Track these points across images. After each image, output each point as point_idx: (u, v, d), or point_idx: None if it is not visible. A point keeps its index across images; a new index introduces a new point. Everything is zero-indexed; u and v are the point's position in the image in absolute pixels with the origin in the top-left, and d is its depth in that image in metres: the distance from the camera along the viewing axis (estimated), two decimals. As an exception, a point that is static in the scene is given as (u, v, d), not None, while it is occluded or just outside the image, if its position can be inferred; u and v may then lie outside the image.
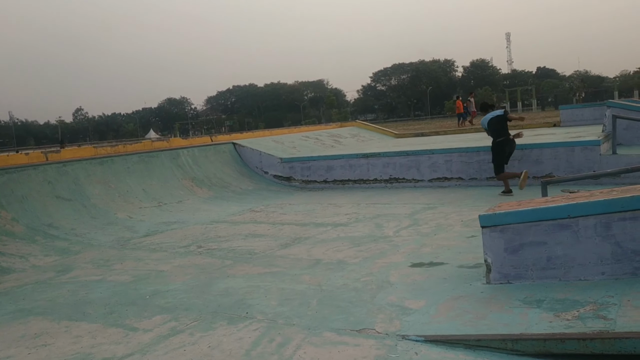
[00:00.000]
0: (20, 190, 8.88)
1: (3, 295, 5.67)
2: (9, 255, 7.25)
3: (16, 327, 4.61)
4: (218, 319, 4.31)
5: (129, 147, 13.15)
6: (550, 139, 11.18)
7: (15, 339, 4.30)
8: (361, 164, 11.94)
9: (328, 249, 6.37)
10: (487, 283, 4.47)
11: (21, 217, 8.39)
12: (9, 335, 4.42)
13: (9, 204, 8.53)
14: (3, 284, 6.14)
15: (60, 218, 8.77)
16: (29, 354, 3.95)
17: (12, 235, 7.88)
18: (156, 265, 6.36)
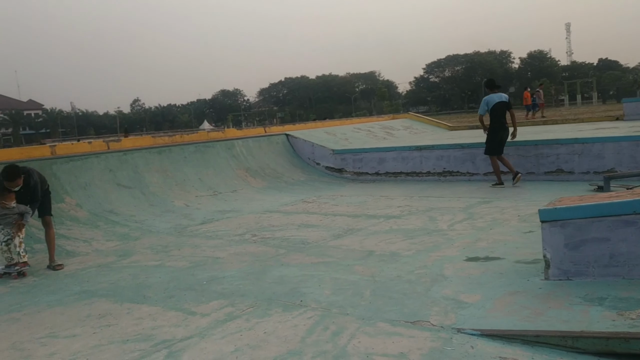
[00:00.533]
0: (84, 177, 9.26)
1: (69, 277, 5.95)
2: (73, 239, 7.59)
3: (81, 307, 4.83)
4: (273, 305, 4.39)
5: (186, 137, 13.48)
6: (613, 133, 10.77)
7: (81, 319, 4.51)
8: (414, 157, 11.83)
9: (381, 240, 6.36)
10: (545, 279, 4.37)
11: (85, 203, 8.76)
12: (75, 314, 4.64)
13: (73, 190, 8.91)
14: (68, 267, 6.44)
15: (120, 205, 9.11)
16: (94, 333, 4.14)
17: (77, 220, 8.24)
18: (212, 252, 6.52)
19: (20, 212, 6.19)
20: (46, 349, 3.90)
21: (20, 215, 6.19)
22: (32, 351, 3.89)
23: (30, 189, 6.27)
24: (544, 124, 18.24)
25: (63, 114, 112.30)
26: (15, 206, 6.15)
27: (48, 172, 8.84)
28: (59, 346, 3.93)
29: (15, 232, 6.11)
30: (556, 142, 10.13)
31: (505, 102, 9.79)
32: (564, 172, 9.91)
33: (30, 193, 6.30)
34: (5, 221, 6.10)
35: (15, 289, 5.65)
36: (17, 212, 6.16)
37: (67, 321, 4.47)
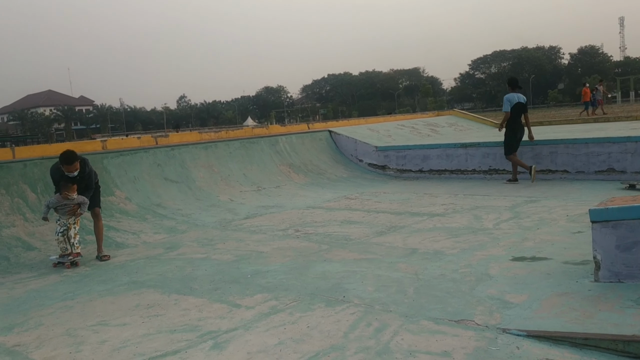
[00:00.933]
0: (133, 171, 9.53)
1: (119, 268, 6.14)
2: (122, 231, 7.83)
3: (131, 297, 4.99)
4: (316, 300, 4.42)
5: (231, 133, 13.68)
6: (669, 131, 10.34)
7: (131, 308, 4.65)
8: (459, 154, 11.67)
9: (424, 238, 6.31)
10: (595, 281, 4.25)
11: (133, 197, 9.01)
12: (124, 304, 4.79)
13: (123, 184, 9.19)
14: (118, 258, 6.65)
15: (168, 199, 9.33)
16: (143, 323, 4.27)
17: (126, 213, 8.49)
18: (256, 246, 6.61)
19: (79, 202, 6.39)
20: (98, 336, 4.04)
21: (78, 205, 6.40)
22: (85, 338, 4.04)
23: (85, 176, 6.51)
24: (595, 122, 17.68)
25: (112, 109, 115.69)
26: (76, 197, 6.36)
27: (99, 166, 9.14)
28: (110, 334, 4.07)
29: (71, 223, 6.34)
30: (608, 140, 9.81)
31: (523, 104, 10.21)
32: (615, 171, 9.59)
33: (85, 181, 6.53)
34: (63, 210, 6.32)
35: (69, 278, 5.87)
36: (76, 202, 6.36)
37: (118, 310, 4.62)
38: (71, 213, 6.35)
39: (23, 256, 6.78)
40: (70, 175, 6.34)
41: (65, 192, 6.28)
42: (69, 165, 6.27)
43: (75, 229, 6.39)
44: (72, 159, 6.28)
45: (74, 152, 6.36)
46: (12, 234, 7.21)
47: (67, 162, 6.26)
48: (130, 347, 3.78)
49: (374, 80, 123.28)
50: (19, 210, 7.64)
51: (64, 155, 6.29)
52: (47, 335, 4.16)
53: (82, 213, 6.47)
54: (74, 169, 6.32)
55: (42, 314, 4.68)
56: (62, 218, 6.34)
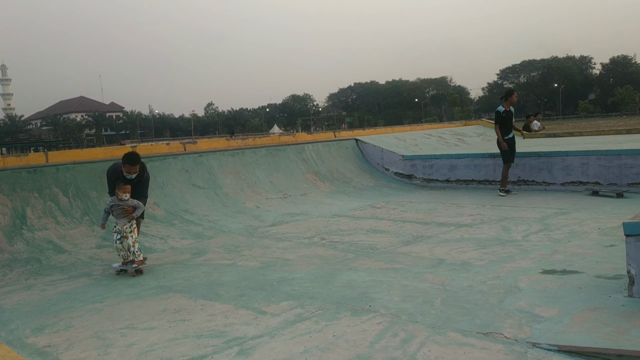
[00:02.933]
0: (162, 177, 9.65)
1: (146, 272, 6.21)
2: (150, 236, 7.91)
3: (158, 301, 5.03)
4: (342, 309, 4.40)
5: (258, 140, 13.77)
6: None
7: (158, 312, 4.70)
8: (487, 164, 11.53)
9: (451, 249, 6.24)
10: (629, 296, 4.14)
11: (161, 202, 9.12)
12: (152, 308, 4.84)
13: (151, 189, 9.21)
14: (146, 262, 6.71)
15: (195, 205, 9.42)
16: (170, 327, 4.30)
17: (154, 218, 8.60)
18: (282, 253, 6.62)
19: (133, 205, 6.23)
20: (126, 340, 4.09)
21: (132, 208, 6.22)
22: (113, 340, 4.09)
23: (142, 181, 6.46)
24: (627, 133, 17.31)
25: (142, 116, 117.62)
26: (129, 199, 6.19)
27: (129, 171, 9.28)
28: (138, 337, 4.11)
29: (127, 231, 6.13)
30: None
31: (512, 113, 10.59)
32: (649, 184, 9.35)
33: (140, 186, 6.45)
34: (117, 211, 6.16)
35: (98, 281, 5.96)
36: (130, 205, 6.19)
37: (145, 314, 4.67)
38: (125, 213, 6.15)
39: (54, 258, 6.90)
40: (129, 177, 6.22)
41: (118, 191, 6.13)
42: (131, 166, 6.16)
43: (133, 237, 6.15)
44: (137, 159, 6.20)
45: (138, 154, 6.28)
46: (44, 237, 7.36)
47: (131, 162, 6.15)
48: (157, 351, 3.81)
49: (400, 89, 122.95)
50: (51, 214, 7.79)
51: (130, 155, 6.19)
52: (77, 337, 4.22)
53: (135, 217, 6.24)
54: (135, 170, 6.23)
55: (72, 316, 4.75)
56: (118, 224, 6.17)
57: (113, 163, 6.56)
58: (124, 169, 6.21)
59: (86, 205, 8.21)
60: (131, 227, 6.21)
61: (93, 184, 8.60)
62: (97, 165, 9.04)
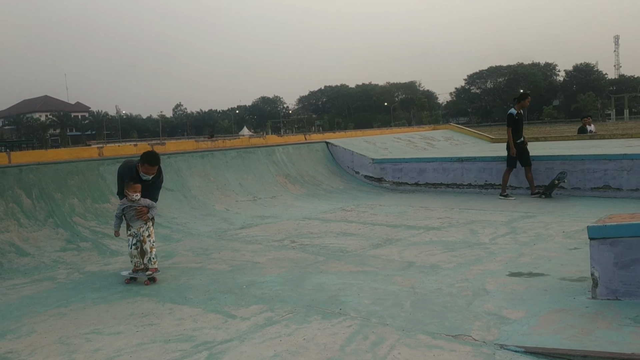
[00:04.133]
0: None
1: (113, 276, 6.09)
2: (118, 239, 7.72)
3: (125, 305, 4.94)
4: (312, 312, 4.39)
5: (228, 142, 13.67)
6: (664, 150, 10.39)
7: (125, 317, 4.60)
8: (455, 168, 11.69)
9: (421, 252, 6.30)
10: (592, 298, 4.24)
11: (129, 204, 8.94)
12: (118, 312, 4.74)
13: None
14: (112, 265, 6.60)
15: (163, 207, 9.25)
16: (137, 332, 4.22)
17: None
18: (252, 256, 6.57)
19: (147, 205, 5.78)
20: (91, 345, 3.99)
21: (146, 208, 5.76)
22: (77, 346, 3.99)
23: (156, 183, 6.06)
24: (590, 139, 17.77)
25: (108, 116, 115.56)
26: (140, 199, 5.72)
27: (95, 172, 9.11)
28: (104, 342, 4.02)
29: (145, 235, 5.70)
30: (604, 157, 9.85)
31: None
32: (611, 188, 9.62)
33: (153, 189, 6.01)
34: (130, 214, 5.70)
35: (62, 285, 5.81)
36: (143, 205, 5.73)
37: (112, 318, 4.57)
38: (139, 215, 5.69)
39: (16, 262, 6.71)
40: (144, 177, 5.80)
41: (127, 191, 5.66)
42: (151, 166, 5.77)
43: (151, 242, 5.74)
44: (157, 159, 5.82)
45: (158, 153, 5.91)
46: (6, 239, 7.14)
47: (151, 161, 5.75)
48: (124, 356, 3.73)
49: (370, 93, 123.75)
50: (14, 216, 7.58)
51: (150, 154, 5.80)
52: (40, 342, 4.11)
53: (151, 217, 5.80)
54: (154, 171, 5.84)
55: (34, 321, 4.62)
56: (133, 227, 5.71)
57: (126, 161, 6.14)
58: (142, 169, 5.78)
59: (50, 207, 8.01)
60: (148, 230, 5.76)
61: (58, 185, 8.41)
62: (62, 166, 8.85)
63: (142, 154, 5.86)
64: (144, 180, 5.84)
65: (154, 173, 5.90)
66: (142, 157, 5.83)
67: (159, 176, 6.06)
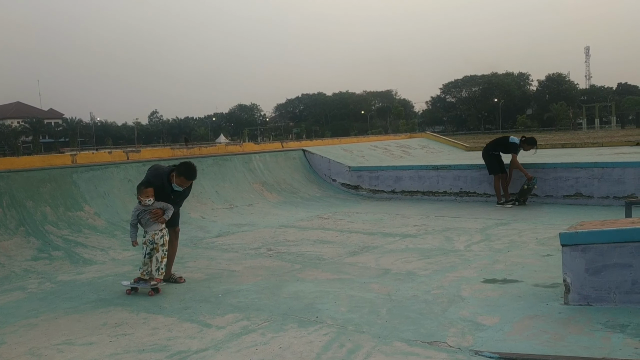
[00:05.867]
0: (103, 186, 9.36)
1: (86, 285, 5.98)
2: (91, 247, 7.64)
3: (98, 315, 4.85)
4: (288, 321, 4.37)
5: (204, 150, 13.58)
6: (633, 158, 10.65)
7: (97, 327, 4.53)
8: (431, 176, 11.79)
9: (397, 259, 6.33)
10: (565, 304, 4.31)
11: (103, 212, 8.83)
12: (91, 322, 4.66)
13: (92, 199, 9.00)
14: (85, 275, 6.48)
15: (138, 215, 9.15)
16: (110, 342, 4.15)
17: (94, 229, 8.31)
18: (228, 265, 6.53)
19: (161, 207, 5.56)
20: (63, 356, 3.91)
21: (162, 210, 5.55)
22: (49, 357, 3.90)
23: (186, 192, 5.83)
24: (562, 147, 18.11)
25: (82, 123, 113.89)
26: (153, 203, 5.51)
27: (68, 180, 8.96)
28: (76, 353, 3.95)
29: (159, 244, 5.52)
30: (575, 165, 10.05)
31: None
32: (583, 196, 9.81)
33: (183, 196, 5.86)
34: (145, 218, 5.51)
35: (33, 295, 5.69)
36: (158, 208, 5.53)
37: (84, 329, 4.49)
38: (155, 217, 5.47)
39: (-15, 272, 6.54)
40: (177, 188, 5.58)
41: (140, 197, 5.47)
42: (187, 180, 5.53)
43: (164, 251, 5.54)
44: (195, 175, 5.56)
45: (196, 168, 5.61)
46: (-25, 249, 6.97)
47: (189, 175, 5.49)
48: (96, 368, 3.67)
49: (347, 101, 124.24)
50: (-17, 224, 7.40)
51: (190, 167, 5.51)
52: (10, 354, 4.01)
53: (167, 219, 5.56)
54: (189, 183, 5.63)
55: (4, 332, 4.51)
56: (148, 232, 5.51)
57: (156, 166, 5.83)
58: (177, 181, 5.51)
59: (21, 216, 7.85)
60: (163, 238, 5.55)
61: (29, 193, 8.24)
62: (34, 174, 8.68)
63: (181, 165, 5.56)
64: (173, 190, 5.62)
65: (187, 186, 5.68)
66: (179, 168, 5.53)
67: (190, 188, 5.83)
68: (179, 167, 5.54)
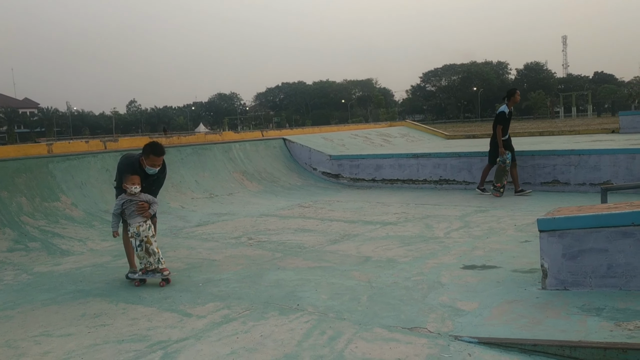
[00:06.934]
0: (80, 176, 9.22)
1: (63, 276, 5.91)
2: (68, 238, 7.54)
3: (76, 306, 4.80)
4: (270, 309, 4.37)
5: (183, 139, 13.46)
6: (609, 146, 10.82)
7: (76, 318, 4.47)
8: (411, 164, 11.84)
9: (377, 246, 6.35)
10: (542, 288, 4.37)
11: (80, 203, 8.71)
12: (69, 313, 4.60)
13: (69, 189, 8.87)
14: (63, 265, 6.40)
15: (116, 205, 9.05)
16: (89, 333, 4.11)
17: (72, 219, 8.20)
18: (208, 254, 6.49)
19: (147, 200, 5.42)
20: (40, 348, 3.86)
21: (147, 203, 5.40)
22: (26, 349, 3.85)
23: (162, 176, 5.66)
24: (540, 135, 18.33)
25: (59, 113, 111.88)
26: (139, 192, 5.36)
27: (44, 170, 8.81)
28: (53, 345, 3.90)
29: (149, 235, 5.31)
30: (553, 153, 10.18)
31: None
32: (560, 183, 9.95)
33: (159, 181, 5.67)
34: (130, 210, 5.33)
35: (9, 286, 5.61)
36: (143, 200, 5.38)
37: (62, 320, 4.44)
38: (140, 210, 5.31)
39: (-41, 264, 6.42)
40: (151, 171, 5.41)
41: (126, 184, 5.29)
42: (157, 157, 5.34)
43: (155, 241, 5.37)
44: (162, 149, 5.38)
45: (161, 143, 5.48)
46: (-52, 241, 6.83)
47: (156, 151, 5.31)
48: (74, 359, 3.63)
49: (327, 90, 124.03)
50: (-44, 216, 7.25)
51: (154, 144, 5.38)
52: (-15, 347, 3.94)
53: (152, 213, 5.44)
54: (160, 162, 5.41)
55: (-21, 325, 4.44)
56: (132, 225, 5.31)
57: (126, 155, 5.70)
58: (148, 162, 5.36)
59: (-4, 207, 7.70)
60: (151, 229, 5.36)
61: (4, 183, 8.09)
62: (9, 164, 8.52)
63: (145, 146, 5.43)
64: (149, 175, 5.47)
65: (160, 165, 5.48)
66: (145, 149, 5.40)
67: (164, 169, 5.65)
68: (144, 149, 5.43)
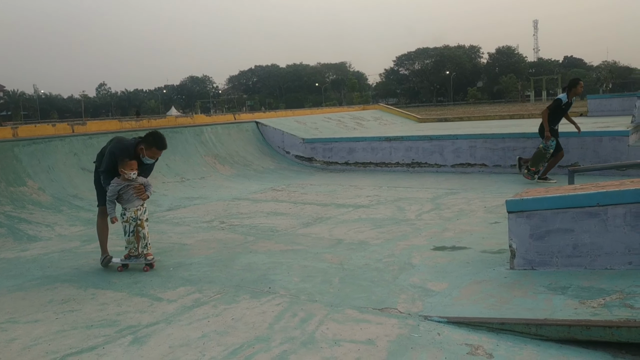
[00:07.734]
0: (47, 160, 9.02)
1: (30, 262, 5.79)
2: (35, 223, 7.39)
3: (44, 292, 4.71)
4: (241, 292, 4.36)
5: (154, 122, 13.26)
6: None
7: (43, 304, 4.40)
8: (383, 147, 11.89)
9: (349, 229, 6.38)
10: (510, 269, 4.45)
11: (47, 187, 8.53)
12: (37, 300, 4.52)
13: (35, 174, 8.67)
14: (30, 251, 6.27)
15: (85, 189, 8.88)
16: (57, 319, 4.04)
17: (39, 204, 8.03)
18: (179, 238, 6.44)
19: (143, 183, 5.30)
20: (6, 335, 3.79)
21: (142, 186, 5.29)
22: (-9, 336, 3.77)
23: (151, 165, 5.50)
24: (511, 118, 18.56)
25: (25, 96, 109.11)
26: (136, 177, 5.22)
27: (10, 154, 8.60)
28: (20, 332, 3.82)
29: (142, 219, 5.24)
30: (522, 135, 10.32)
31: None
32: (529, 165, 10.08)
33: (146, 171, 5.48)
34: (127, 194, 5.20)
35: (-26, 273, 5.47)
36: (140, 183, 5.25)
37: (29, 306, 4.35)
38: (138, 193, 5.20)
39: None
40: (147, 161, 5.28)
41: (124, 170, 5.11)
42: (159, 151, 5.25)
43: (147, 226, 5.31)
44: (166, 144, 5.28)
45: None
46: None
47: (160, 145, 5.20)
48: (42, 345, 3.56)
49: (301, 73, 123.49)
50: None
51: (161, 138, 5.21)
52: (-52, 334, 3.85)
53: (149, 196, 5.33)
54: (159, 155, 5.30)
55: (-58, 313, 4.33)
56: (129, 210, 5.20)
57: (118, 138, 5.39)
58: (148, 153, 5.20)
59: (-41, 192, 7.49)
60: (145, 212, 5.30)
61: (-33, 168, 7.86)
62: (-28, 148, 8.28)
63: (149, 136, 5.23)
64: (142, 162, 5.29)
65: (158, 158, 5.40)
66: (148, 139, 5.20)
67: (157, 160, 5.53)
68: (146, 139, 5.22)
